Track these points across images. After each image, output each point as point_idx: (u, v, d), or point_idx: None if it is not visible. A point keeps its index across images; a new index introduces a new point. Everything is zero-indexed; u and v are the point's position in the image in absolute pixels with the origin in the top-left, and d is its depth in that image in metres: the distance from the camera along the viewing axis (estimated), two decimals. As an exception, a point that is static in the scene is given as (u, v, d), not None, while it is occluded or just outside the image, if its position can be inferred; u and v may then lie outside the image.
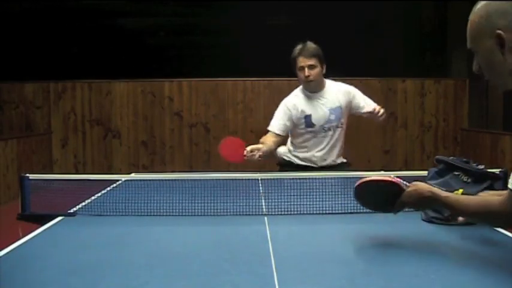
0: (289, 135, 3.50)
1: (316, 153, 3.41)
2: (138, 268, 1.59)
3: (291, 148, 3.52)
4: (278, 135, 3.35)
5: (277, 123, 3.35)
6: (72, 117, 7.62)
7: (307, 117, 3.34)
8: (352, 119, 3.61)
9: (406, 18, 10.13)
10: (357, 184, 1.80)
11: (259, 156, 3.02)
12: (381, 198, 1.76)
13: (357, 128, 7.20)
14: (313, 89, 3.36)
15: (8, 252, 1.75)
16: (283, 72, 5.94)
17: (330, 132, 3.38)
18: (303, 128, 3.37)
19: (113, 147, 7.64)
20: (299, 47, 3.31)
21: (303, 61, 3.27)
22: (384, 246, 1.84)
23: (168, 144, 7.61)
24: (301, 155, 3.45)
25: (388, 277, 1.49)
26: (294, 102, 3.37)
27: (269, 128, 3.37)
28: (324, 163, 3.42)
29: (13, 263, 1.66)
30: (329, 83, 3.43)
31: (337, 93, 3.39)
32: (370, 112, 3.30)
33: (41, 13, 9.74)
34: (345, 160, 3.54)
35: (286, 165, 3.43)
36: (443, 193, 1.64)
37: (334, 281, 1.47)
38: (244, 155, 3.00)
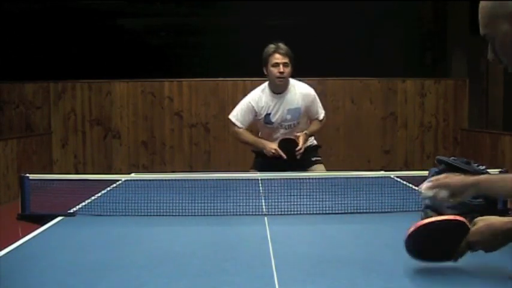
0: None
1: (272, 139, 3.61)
2: (138, 268, 1.59)
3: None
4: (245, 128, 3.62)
5: (243, 119, 3.57)
6: (72, 117, 7.62)
7: (267, 116, 3.52)
8: (352, 119, 3.63)
9: (406, 18, 10.14)
10: (411, 231, 1.44)
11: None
12: (446, 243, 1.46)
13: (357, 128, 7.23)
14: (280, 89, 3.49)
15: (8, 252, 1.75)
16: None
17: (286, 129, 3.57)
18: (261, 122, 3.59)
19: (113, 147, 7.63)
20: (273, 45, 3.47)
21: (278, 58, 3.40)
22: (384, 246, 1.84)
23: (168, 144, 7.60)
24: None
25: (388, 277, 1.49)
26: (259, 99, 3.54)
27: (237, 123, 3.57)
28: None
29: (13, 263, 1.66)
30: (292, 84, 3.55)
31: (298, 95, 3.53)
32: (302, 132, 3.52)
33: (41, 13, 9.74)
34: (315, 142, 3.70)
35: (260, 155, 3.60)
36: None
37: (334, 281, 1.47)
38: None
